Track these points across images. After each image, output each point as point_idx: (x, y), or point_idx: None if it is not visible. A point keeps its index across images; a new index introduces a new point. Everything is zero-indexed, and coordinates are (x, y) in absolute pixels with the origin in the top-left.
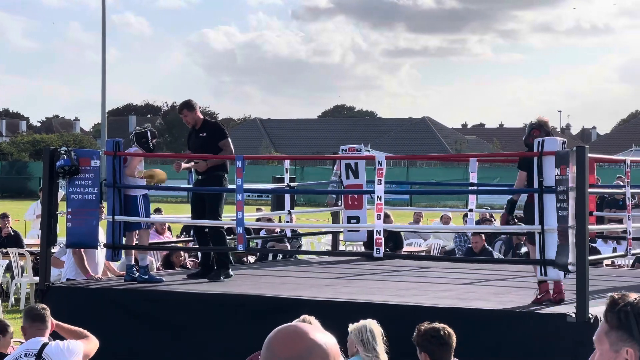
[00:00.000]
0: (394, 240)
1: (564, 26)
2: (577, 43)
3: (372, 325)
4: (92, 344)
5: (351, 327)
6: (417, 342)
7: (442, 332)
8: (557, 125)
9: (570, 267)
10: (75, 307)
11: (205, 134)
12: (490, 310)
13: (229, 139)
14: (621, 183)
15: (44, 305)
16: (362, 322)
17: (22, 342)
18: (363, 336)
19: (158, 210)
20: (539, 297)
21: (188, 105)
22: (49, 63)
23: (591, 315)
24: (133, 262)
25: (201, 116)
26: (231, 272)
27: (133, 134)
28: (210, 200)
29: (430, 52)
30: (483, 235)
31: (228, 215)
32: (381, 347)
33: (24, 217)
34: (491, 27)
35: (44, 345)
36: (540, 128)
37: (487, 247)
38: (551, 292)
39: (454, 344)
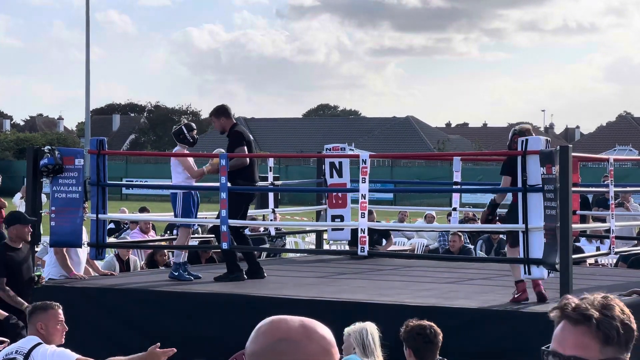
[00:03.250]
0: (380, 232)
1: (550, 25)
2: (563, 42)
3: (372, 328)
4: None
5: (350, 328)
6: (404, 338)
7: (428, 331)
8: (540, 124)
9: (558, 267)
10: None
11: (228, 143)
12: (474, 309)
13: (242, 147)
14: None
15: (40, 303)
16: (360, 324)
17: (4, 340)
18: (365, 340)
19: (144, 209)
20: (516, 296)
21: (214, 112)
22: (33, 61)
23: None
24: (180, 261)
25: (231, 122)
26: (244, 276)
27: (172, 135)
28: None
29: (416, 51)
30: (461, 236)
31: (212, 214)
32: (379, 351)
33: (13, 201)
34: (477, 26)
35: (35, 346)
36: (521, 135)
37: (467, 246)
38: (528, 290)
39: (440, 343)
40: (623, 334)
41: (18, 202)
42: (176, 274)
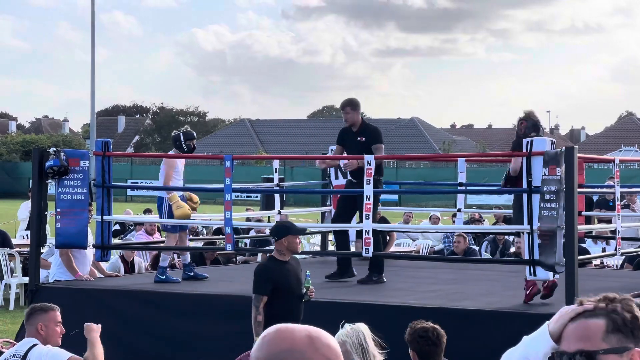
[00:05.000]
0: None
1: (557, 25)
2: (570, 42)
3: (366, 329)
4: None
5: (343, 334)
6: (408, 340)
7: (430, 333)
8: (546, 125)
9: (557, 268)
10: (66, 308)
11: (364, 138)
12: (479, 311)
13: (383, 145)
14: (612, 183)
15: (38, 305)
16: (352, 327)
17: (9, 342)
18: (363, 344)
19: (148, 211)
20: (527, 292)
21: (352, 104)
22: (38, 63)
23: None
24: (167, 265)
25: (360, 118)
26: (384, 278)
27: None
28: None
29: (422, 51)
30: (466, 237)
31: (217, 215)
32: (376, 351)
33: (18, 216)
34: (483, 27)
35: (32, 346)
36: (527, 119)
37: (472, 247)
38: (539, 287)
39: (444, 345)
40: (629, 321)
41: (24, 209)
42: (163, 277)
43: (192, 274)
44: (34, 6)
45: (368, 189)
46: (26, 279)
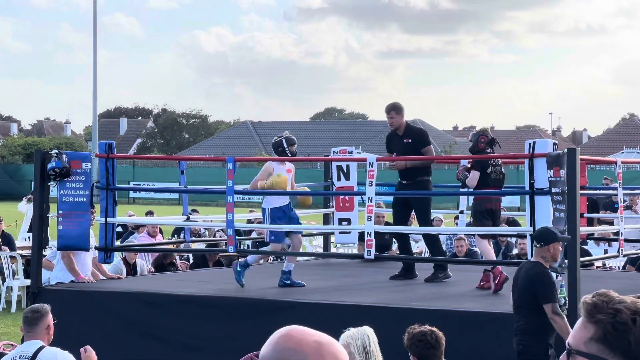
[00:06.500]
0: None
1: (560, 27)
2: (573, 44)
3: (372, 333)
4: None
5: (348, 335)
6: (407, 345)
7: (429, 336)
8: (548, 127)
9: (559, 269)
10: (68, 310)
11: (410, 140)
12: (482, 312)
13: (432, 147)
14: (608, 184)
15: (42, 306)
16: (358, 330)
17: (11, 344)
18: (367, 347)
19: (150, 213)
20: (482, 283)
21: (397, 108)
22: (39, 65)
23: None
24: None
25: (404, 122)
26: (449, 273)
27: (271, 145)
28: (419, 206)
29: (424, 53)
30: (466, 239)
31: (219, 217)
32: (380, 357)
33: (18, 208)
34: (486, 28)
35: (40, 348)
36: (484, 133)
37: (473, 249)
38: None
39: (443, 348)
40: (620, 339)
41: (24, 209)
42: (288, 282)
43: (288, 282)
44: (35, 8)
45: (370, 191)
46: (28, 282)
